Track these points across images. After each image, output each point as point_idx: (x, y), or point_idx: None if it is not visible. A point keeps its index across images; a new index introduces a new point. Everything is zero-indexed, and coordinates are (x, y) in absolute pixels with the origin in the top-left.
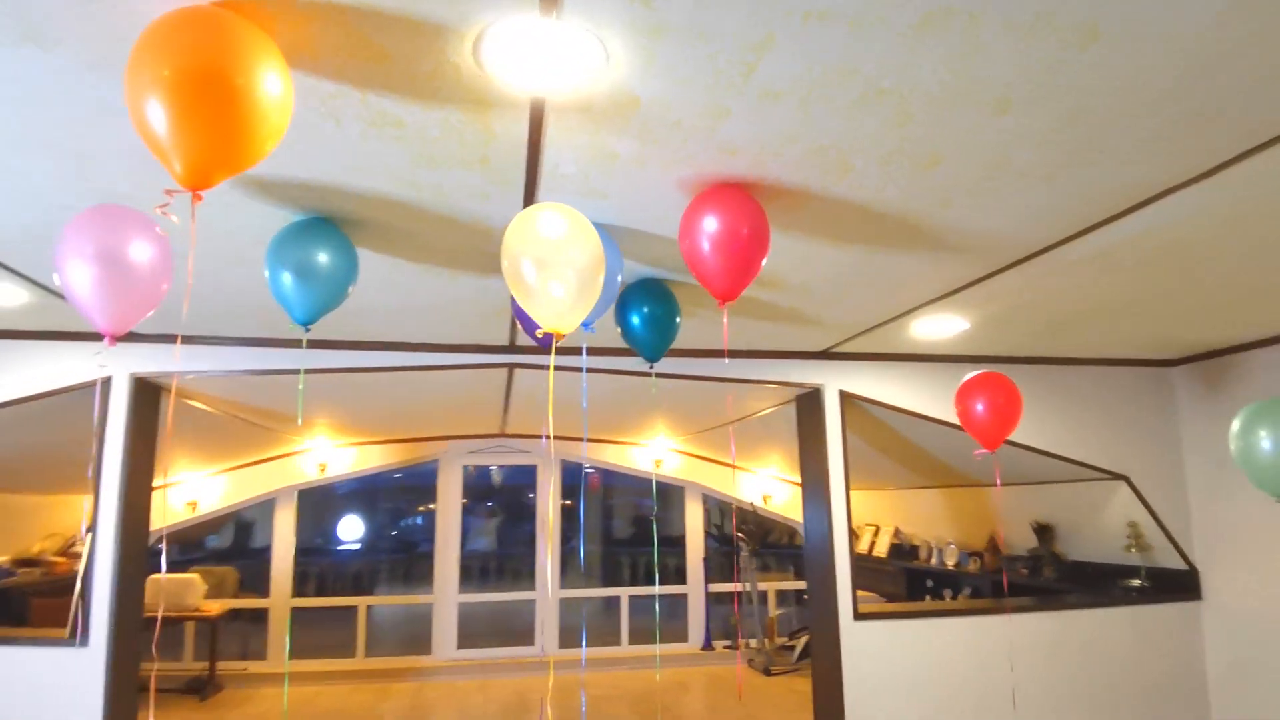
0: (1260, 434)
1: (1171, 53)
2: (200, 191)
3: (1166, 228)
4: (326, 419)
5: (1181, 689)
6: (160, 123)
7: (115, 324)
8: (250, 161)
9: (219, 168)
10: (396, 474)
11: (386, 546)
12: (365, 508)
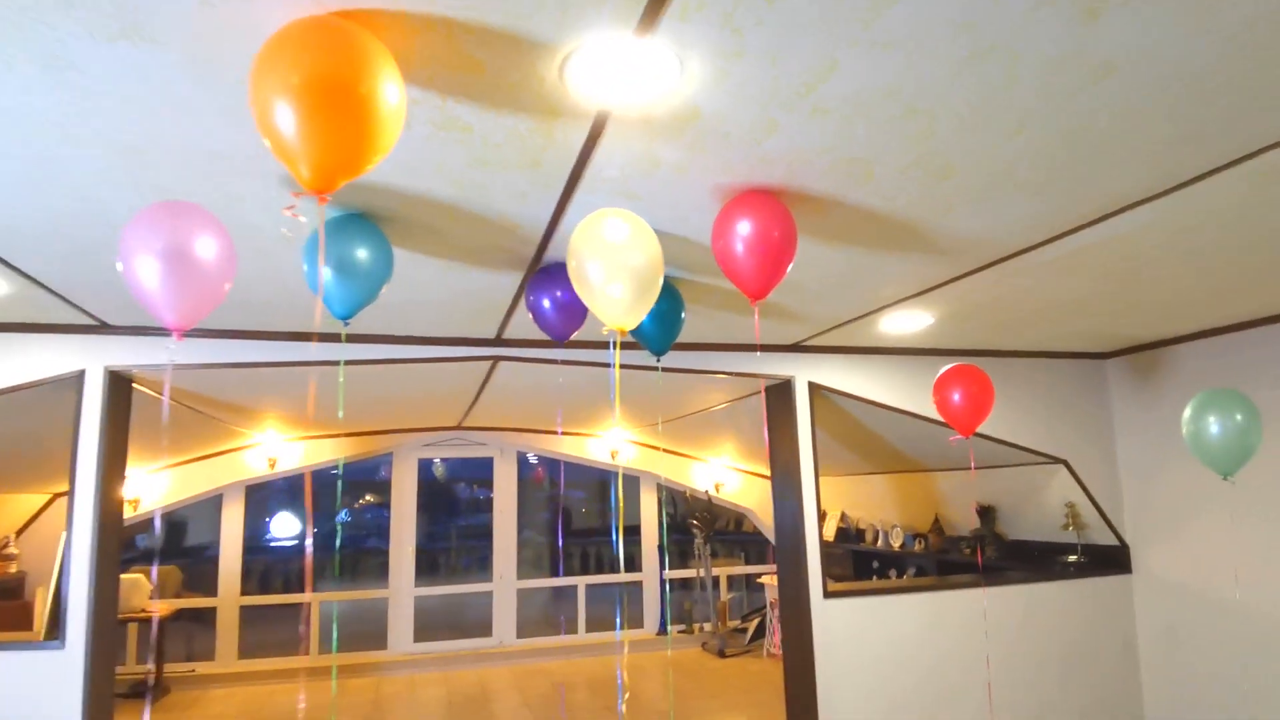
0: (1209, 420)
1: (1169, 86)
2: (325, 194)
3: (1124, 236)
4: (280, 412)
5: (1115, 654)
6: (289, 128)
7: (182, 319)
8: (368, 166)
9: (342, 172)
10: (332, 470)
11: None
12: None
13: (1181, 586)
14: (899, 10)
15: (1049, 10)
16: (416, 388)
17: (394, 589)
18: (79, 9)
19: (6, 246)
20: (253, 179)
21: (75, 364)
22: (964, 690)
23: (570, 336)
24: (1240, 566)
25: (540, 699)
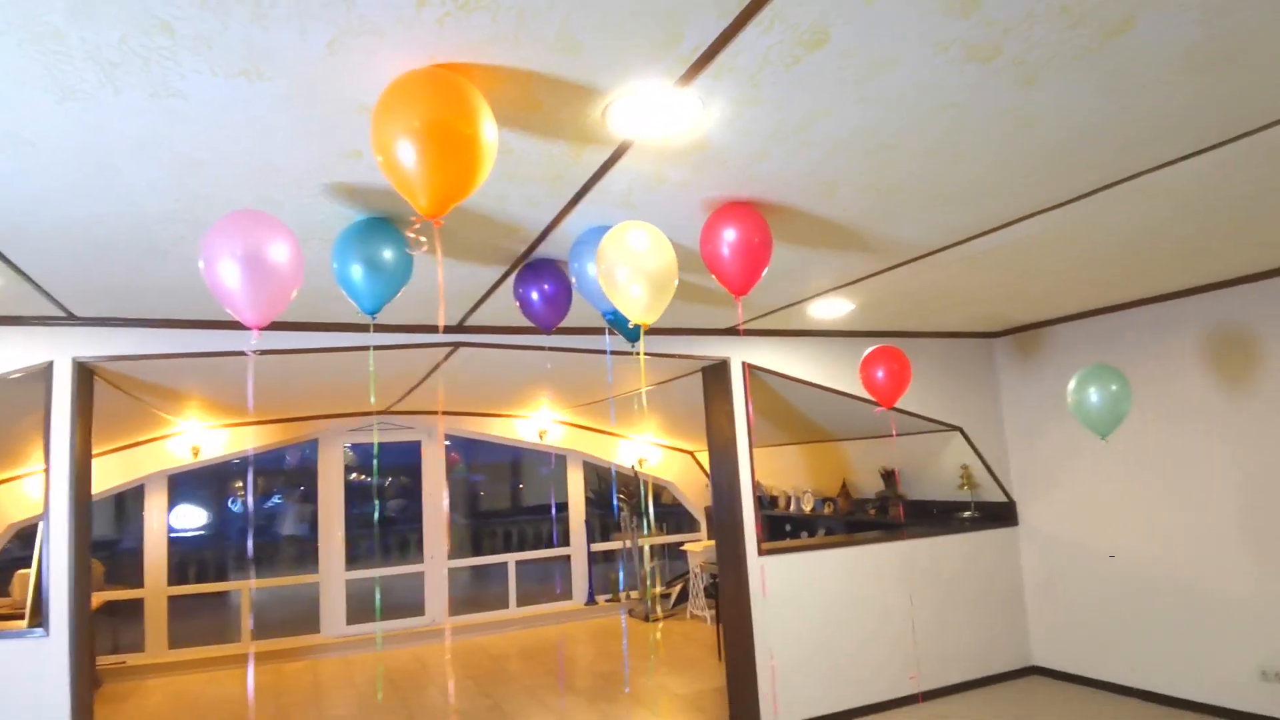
0: (1090, 390)
1: (1074, 133)
2: (439, 218)
3: (1021, 239)
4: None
5: (1005, 597)
6: (410, 163)
7: (260, 317)
8: (470, 192)
9: (452, 200)
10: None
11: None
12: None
13: (1060, 537)
14: (887, 77)
15: (997, 80)
16: (360, 372)
17: (324, 573)
18: (213, 51)
19: (18, 243)
20: (295, 189)
21: (43, 356)
22: (878, 630)
23: (556, 326)
24: (1110, 516)
25: (481, 671)
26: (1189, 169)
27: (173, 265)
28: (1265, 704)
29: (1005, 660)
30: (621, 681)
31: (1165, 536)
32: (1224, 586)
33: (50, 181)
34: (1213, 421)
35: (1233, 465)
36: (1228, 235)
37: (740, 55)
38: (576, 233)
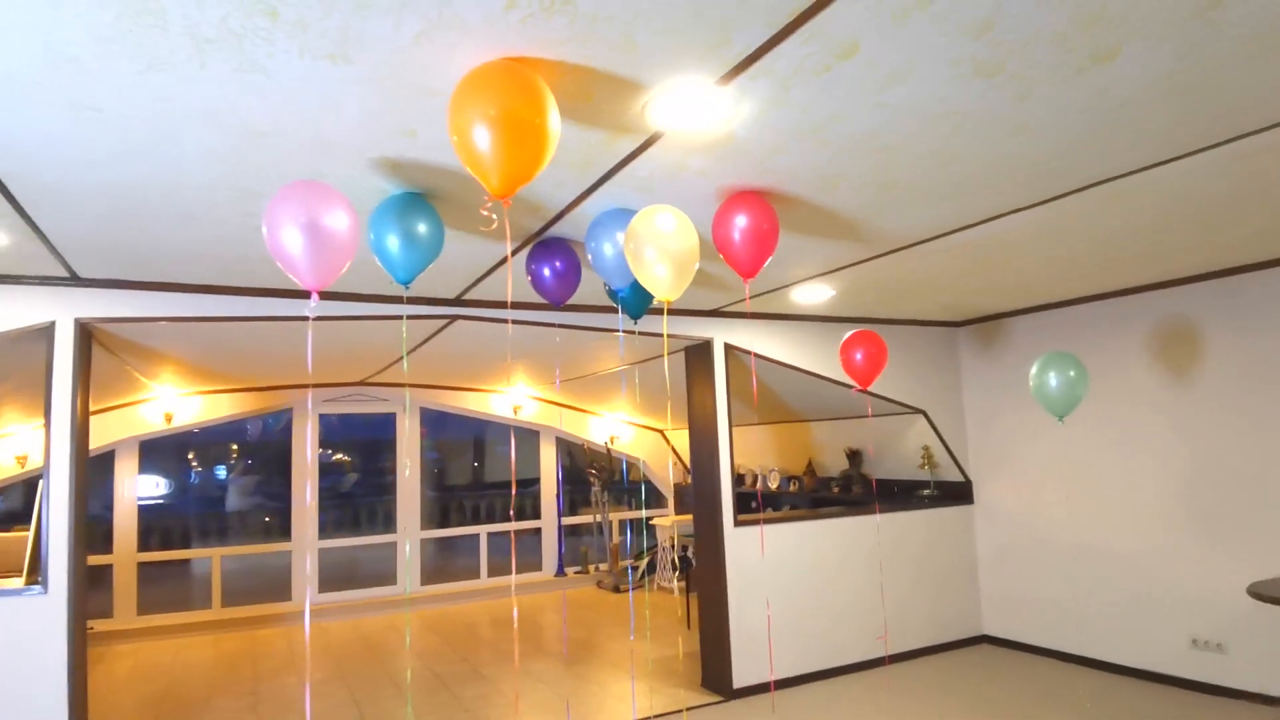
0: (1050, 375)
1: (1056, 141)
2: (507, 198)
3: (998, 234)
4: (191, 364)
5: (961, 569)
6: (485, 147)
7: (320, 282)
8: (534, 176)
9: (520, 181)
10: (194, 431)
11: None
12: (175, 463)
13: (1012, 514)
14: (901, 87)
15: (997, 92)
16: (355, 341)
17: (297, 542)
18: (308, 34)
19: (45, 204)
20: (344, 162)
21: (45, 315)
22: (843, 598)
23: (565, 301)
24: (1060, 496)
25: (455, 637)
26: (1156, 176)
27: (200, 230)
28: (1196, 670)
29: (958, 629)
30: (593, 648)
31: (1109, 515)
32: (1161, 562)
33: (104, 146)
34: (1156, 410)
35: (1173, 451)
36: (1184, 238)
37: (779, 61)
38: (592, 214)
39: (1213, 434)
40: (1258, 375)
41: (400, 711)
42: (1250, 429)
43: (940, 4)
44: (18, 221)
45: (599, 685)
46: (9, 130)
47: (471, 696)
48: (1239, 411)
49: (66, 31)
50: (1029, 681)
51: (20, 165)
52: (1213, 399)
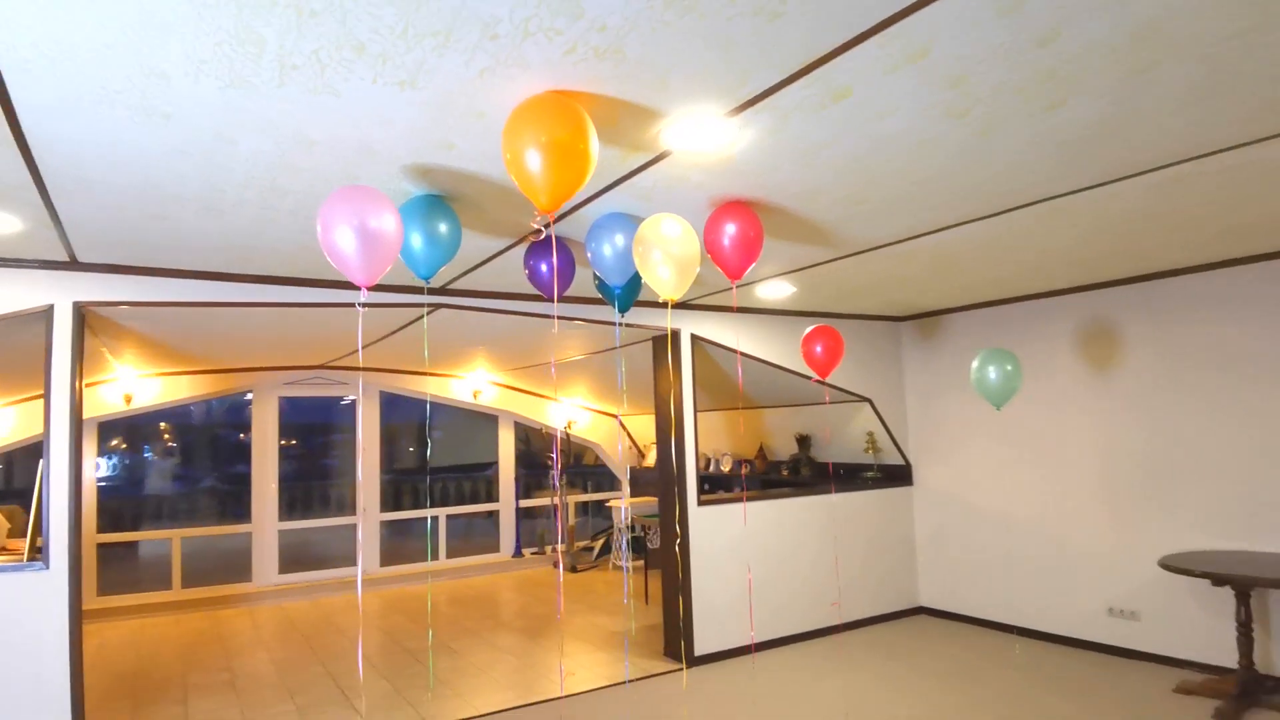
0: (988, 370)
1: (1006, 165)
2: (552, 214)
3: (949, 242)
4: (153, 346)
5: (899, 547)
6: (536, 170)
7: (369, 278)
8: (576, 193)
9: (565, 198)
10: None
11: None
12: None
13: (947, 495)
14: (884, 122)
15: (963, 130)
16: (304, 326)
17: (257, 524)
18: (386, 66)
19: (75, 194)
20: (376, 167)
21: (44, 299)
22: (797, 571)
23: (560, 295)
24: (992, 478)
25: (418, 614)
26: (1087, 197)
27: (220, 222)
28: (1112, 635)
29: (896, 601)
30: (555, 622)
31: (1035, 496)
32: (1082, 539)
33: (160, 146)
34: (1079, 402)
35: (1093, 437)
36: (1107, 248)
37: (783, 99)
38: (592, 217)
39: (1128, 422)
40: (1168, 371)
41: (376, 682)
42: (1161, 418)
43: (925, 61)
44: (41, 211)
45: (566, 656)
46: (74, 133)
47: (443, 668)
48: (1151, 403)
49: (163, 52)
50: (962, 647)
51: (67, 161)
52: (1129, 391)
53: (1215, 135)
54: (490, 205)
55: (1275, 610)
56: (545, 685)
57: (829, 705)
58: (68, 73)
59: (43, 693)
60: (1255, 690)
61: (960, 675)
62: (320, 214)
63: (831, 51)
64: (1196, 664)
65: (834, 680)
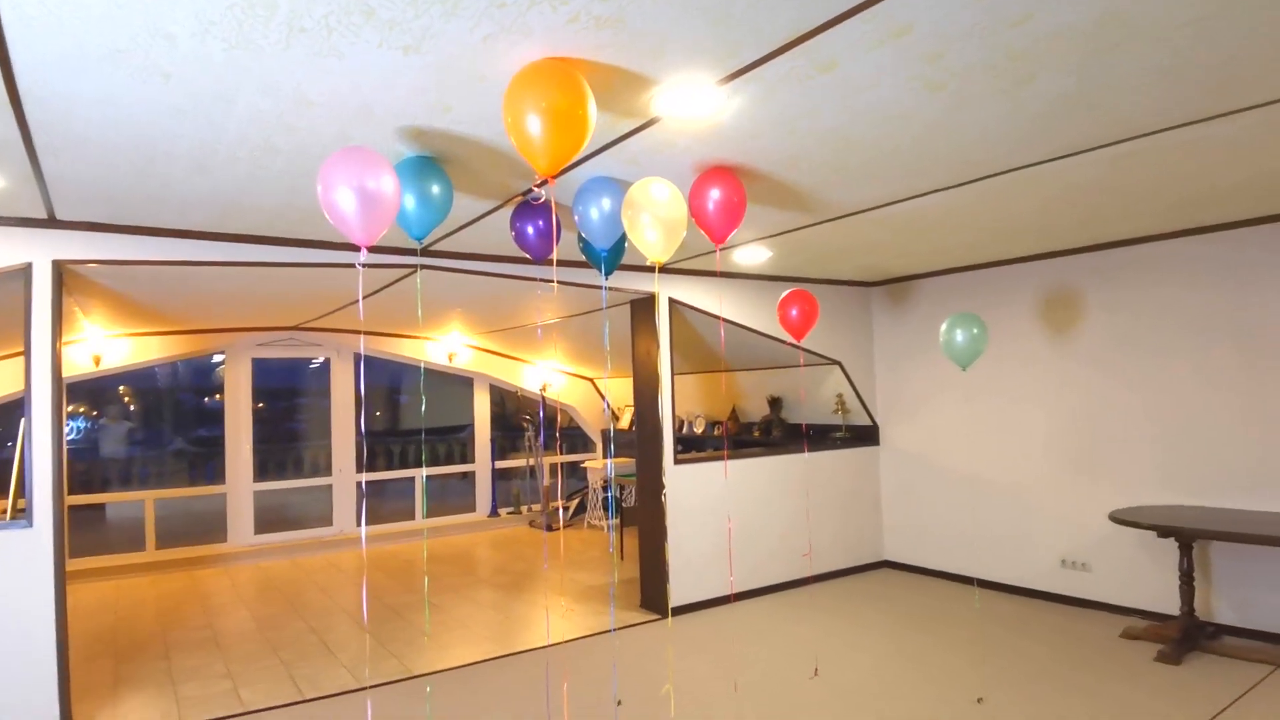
0: (956, 333)
1: (977, 138)
2: (551, 177)
3: (921, 209)
4: (127, 305)
5: (866, 502)
6: (536, 134)
7: (368, 238)
8: (574, 157)
9: (564, 162)
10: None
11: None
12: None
13: (911, 455)
14: (864, 94)
15: (939, 102)
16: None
17: (232, 485)
18: (393, 31)
19: (61, 151)
20: (371, 129)
21: (22, 256)
22: (769, 527)
23: (545, 257)
24: (954, 437)
25: (398, 572)
26: (1052, 168)
27: (208, 180)
28: (1064, 586)
29: (862, 555)
30: (535, 577)
31: (995, 455)
32: (1038, 495)
33: (157, 106)
34: (1040, 365)
35: (1051, 398)
36: (1069, 217)
37: (770, 69)
38: (578, 181)
39: (1084, 384)
40: (1123, 335)
41: (359, 636)
42: (1115, 380)
43: (907, 39)
44: (25, 167)
45: (548, 609)
46: (69, 91)
47: (425, 621)
48: (1106, 365)
49: (173, 13)
50: (924, 597)
51: (58, 119)
52: (1085, 354)
53: (1173, 112)
54: (481, 167)
55: (1216, 561)
56: (528, 636)
57: (800, 649)
58: (74, 31)
59: (28, 648)
60: (1196, 635)
61: (922, 622)
62: (321, 174)
63: (819, 27)
64: (1142, 611)
65: (805, 626)
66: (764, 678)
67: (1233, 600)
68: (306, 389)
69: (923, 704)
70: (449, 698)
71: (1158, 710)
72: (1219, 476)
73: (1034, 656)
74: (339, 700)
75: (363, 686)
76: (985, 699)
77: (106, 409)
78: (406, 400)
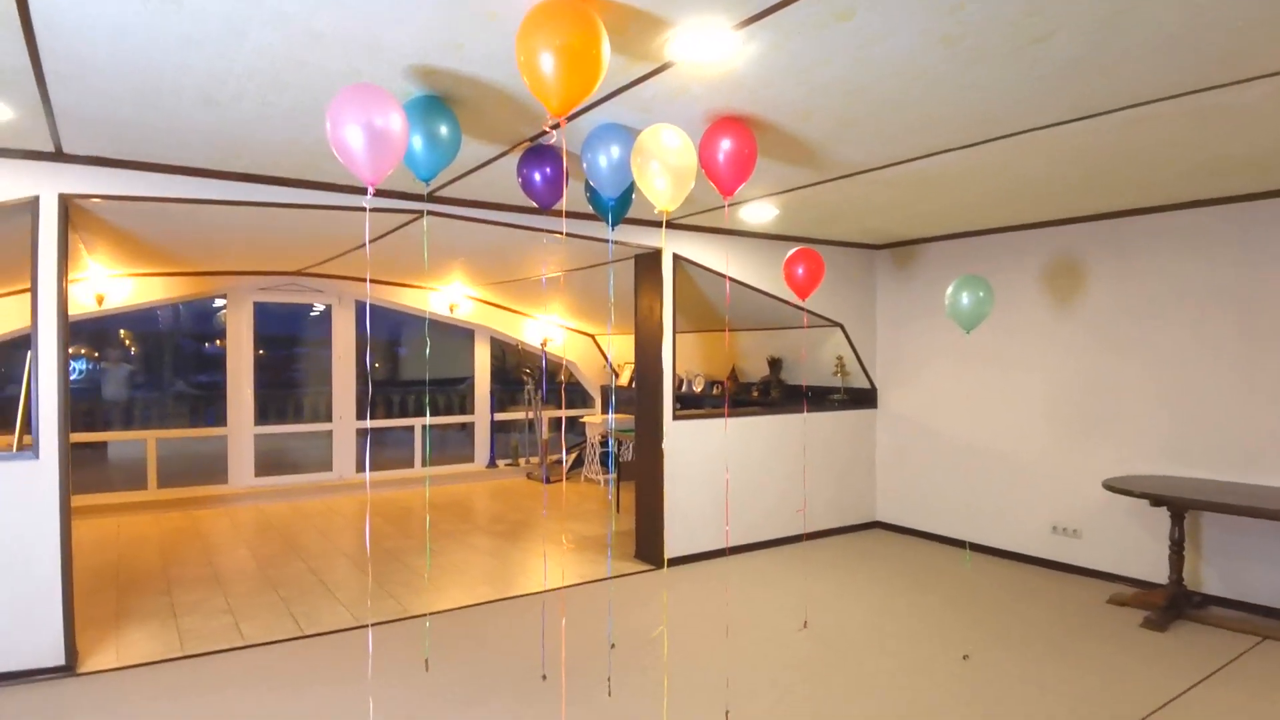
0: (962, 295)
1: (1002, 93)
2: (562, 118)
3: (930, 170)
4: (130, 243)
5: (861, 464)
6: (548, 73)
7: (376, 177)
8: (587, 97)
9: (576, 102)
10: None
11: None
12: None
13: (907, 418)
14: (879, 45)
15: (954, 57)
16: (283, 230)
17: (233, 427)
18: None
19: (70, 81)
20: (380, 65)
21: (29, 190)
22: (765, 484)
23: (552, 205)
24: (953, 403)
25: (396, 518)
26: (1063, 131)
27: (215, 114)
28: (1054, 551)
29: (855, 515)
30: (532, 526)
31: (991, 421)
32: (1033, 461)
33: (168, 36)
34: (1041, 333)
35: (1050, 366)
36: (1078, 183)
37: (788, 15)
38: (587, 127)
39: (1085, 353)
40: (1126, 305)
41: (357, 578)
42: (1116, 350)
43: None
44: (34, 98)
45: (544, 556)
46: (82, 18)
47: (423, 566)
48: (1108, 334)
49: None
50: (915, 558)
51: (69, 47)
52: (1088, 323)
53: (1185, 78)
54: (490, 109)
55: (1207, 532)
56: (523, 582)
57: (791, 601)
58: None
59: (34, 578)
60: (1182, 604)
61: (912, 581)
62: (329, 111)
63: None
64: (1130, 579)
65: (796, 581)
66: (754, 627)
67: (1221, 571)
68: (306, 338)
69: (909, 658)
70: (446, 637)
71: (1142, 674)
72: (1215, 448)
73: (1021, 618)
74: (338, 637)
75: (362, 624)
76: (971, 656)
77: (108, 352)
78: (406, 353)
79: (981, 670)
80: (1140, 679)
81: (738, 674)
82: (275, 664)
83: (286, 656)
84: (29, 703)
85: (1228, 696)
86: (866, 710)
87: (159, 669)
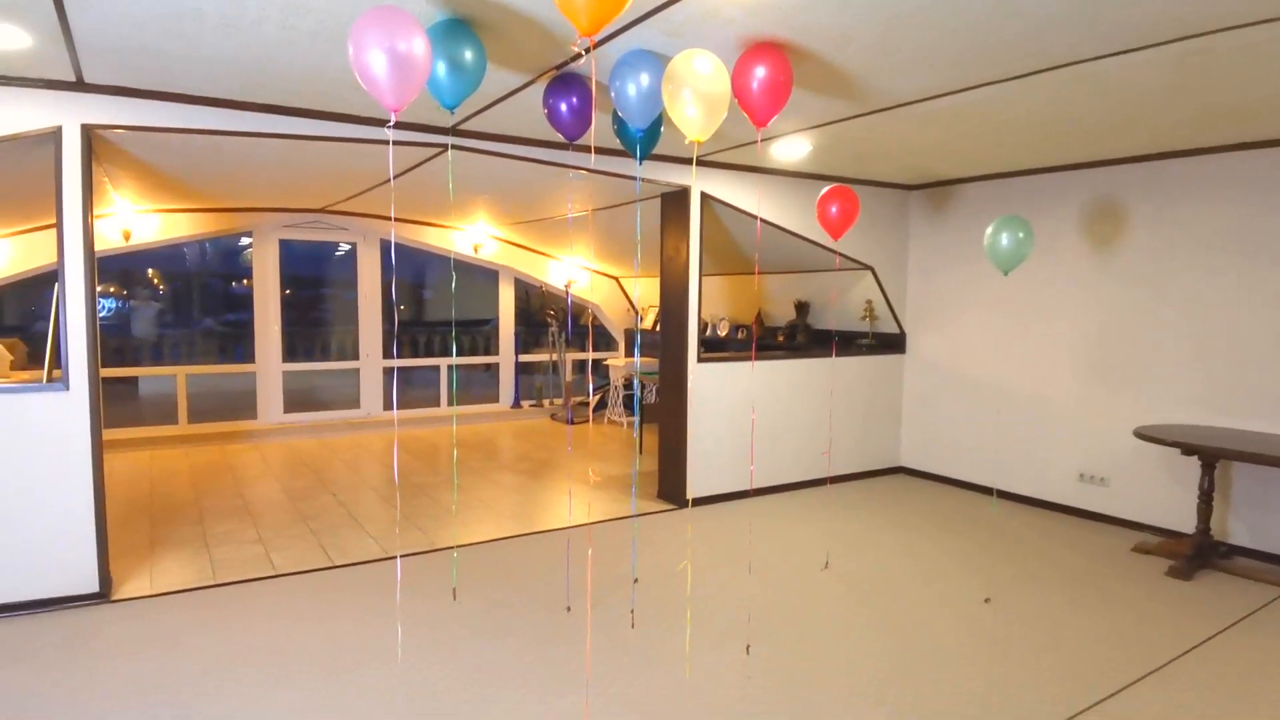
0: (1002, 235)
1: (1043, 23)
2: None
3: (970, 104)
4: (155, 177)
5: (888, 409)
6: None
7: (399, 102)
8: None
9: (605, 21)
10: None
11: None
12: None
13: (935, 364)
14: None
15: None
16: (311, 165)
17: (261, 364)
18: None
19: (91, 7)
20: None
21: (51, 120)
22: (789, 427)
23: (578, 138)
24: (984, 349)
25: (423, 454)
26: (1108, 64)
27: (236, 40)
28: (1082, 499)
29: (879, 460)
30: (556, 465)
31: (1022, 367)
32: (1062, 408)
33: None
34: (1077, 278)
35: (1086, 311)
36: (1122, 121)
37: None
38: (615, 55)
39: (1121, 299)
40: (1166, 251)
41: (385, 511)
42: (1153, 296)
43: None
44: (53, 24)
45: (566, 494)
46: None
47: (450, 500)
48: (1145, 282)
49: None
50: (939, 503)
51: None
52: (1126, 268)
53: (1239, 8)
54: (517, 35)
55: (1237, 482)
56: (549, 518)
57: (814, 541)
58: None
59: (67, 507)
60: (1208, 554)
61: (935, 525)
62: (351, 34)
63: None
64: (1156, 528)
65: (819, 522)
66: (776, 566)
67: (1249, 522)
68: (332, 279)
69: (930, 600)
70: (473, 569)
71: (1166, 621)
72: (1251, 398)
73: (1044, 563)
74: (367, 567)
75: (390, 556)
76: (993, 599)
77: (137, 290)
78: (431, 296)
79: (1003, 612)
80: (1164, 625)
81: (759, 610)
82: (306, 593)
83: (317, 586)
84: (65, 627)
85: (1252, 644)
86: (888, 647)
87: (192, 596)
